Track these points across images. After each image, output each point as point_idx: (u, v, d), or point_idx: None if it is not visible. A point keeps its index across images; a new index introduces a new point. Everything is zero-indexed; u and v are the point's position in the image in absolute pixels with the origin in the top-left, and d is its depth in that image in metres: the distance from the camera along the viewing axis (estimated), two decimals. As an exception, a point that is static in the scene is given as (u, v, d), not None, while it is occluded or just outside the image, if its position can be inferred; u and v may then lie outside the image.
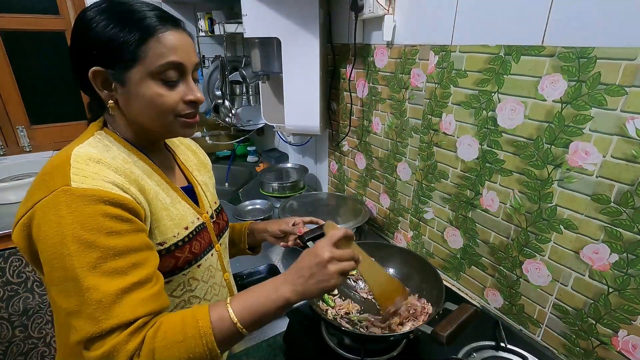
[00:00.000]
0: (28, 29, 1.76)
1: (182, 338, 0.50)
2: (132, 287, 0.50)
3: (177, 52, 0.57)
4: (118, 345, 0.48)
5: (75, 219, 0.48)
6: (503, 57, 0.81)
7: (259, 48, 1.41)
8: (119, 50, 0.55)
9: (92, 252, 0.48)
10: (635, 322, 0.69)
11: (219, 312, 0.53)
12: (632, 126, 0.63)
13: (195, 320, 0.51)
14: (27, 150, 1.85)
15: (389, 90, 1.17)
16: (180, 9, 1.93)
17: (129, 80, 0.56)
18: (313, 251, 0.58)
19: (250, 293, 0.56)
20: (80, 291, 0.48)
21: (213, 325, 0.51)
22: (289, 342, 0.87)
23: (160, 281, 0.56)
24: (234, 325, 0.52)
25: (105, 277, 0.49)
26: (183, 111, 0.60)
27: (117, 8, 0.56)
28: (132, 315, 0.49)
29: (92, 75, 0.56)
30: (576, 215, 0.74)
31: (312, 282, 0.56)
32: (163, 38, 0.56)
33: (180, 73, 0.59)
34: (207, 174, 0.82)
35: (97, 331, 0.47)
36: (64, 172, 0.51)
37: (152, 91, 0.57)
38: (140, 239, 0.54)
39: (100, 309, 0.48)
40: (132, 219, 0.53)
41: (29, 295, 1.06)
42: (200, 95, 0.62)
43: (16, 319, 1.03)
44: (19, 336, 1.03)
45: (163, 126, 0.61)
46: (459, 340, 0.66)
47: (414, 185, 1.16)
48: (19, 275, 1.03)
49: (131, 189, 0.55)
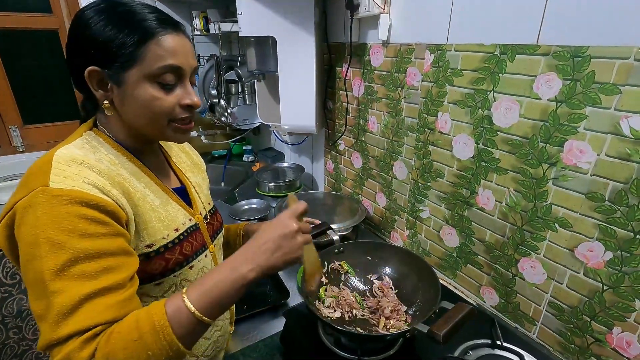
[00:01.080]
0: (21, 27, 1.74)
1: (138, 336, 0.47)
2: (99, 292, 0.48)
3: (176, 55, 0.57)
4: (72, 353, 0.45)
5: (49, 219, 0.48)
6: (498, 56, 0.81)
7: (254, 47, 1.40)
8: (117, 51, 0.54)
9: (63, 254, 0.47)
10: (630, 319, 0.69)
11: (174, 304, 0.50)
12: (626, 125, 0.64)
13: (150, 315, 0.48)
14: (21, 150, 1.84)
15: (385, 89, 1.17)
16: (175, 7, 1.92)
17: (125, 81, 0.56)
18: (278, 223, 0.57)
19: (207, 278, 0.53)
20: (46, 295, 0.47)
21: (169, 317, 0.48)
22: (285, 342, 0.87)
23: (134, 287, 0.53)
24: (192, 315, 0.50)
25: (73, 281, 0.47)
26: (178, 116, 0.60)
27: (117, 9, 0.55)
28: (90, 323, 0.47)
29: (88, 74, 0.55)
30: (571, 213, 0.74)
31: (278, 254, 0.54)
32: (162, 41, 0.55)
33: (178, 77, 0.59)
34: (200, 175, 0.81)
35: (54, 338, 0.46)
36: (44, 172, 0.50)
37: (148, 94, 0.56)
38: (116, 243, 0.52)
39: (61, 315, 0.46)
40: (109, 222, 0.52)
41: (23, 296, 1.04)
42: (197, 99, 0.61)
43: (10, 321, 1.02)
44: (13, 338, 1.02)
45: (156, 130, 0.61)
46: (455, 338, 0.66)
47: (410, 184, 1.16)
48: (13, 276, 1.02)
49: (112, 192, 0.54)
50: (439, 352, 0.77)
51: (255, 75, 1.52)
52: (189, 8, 1.93)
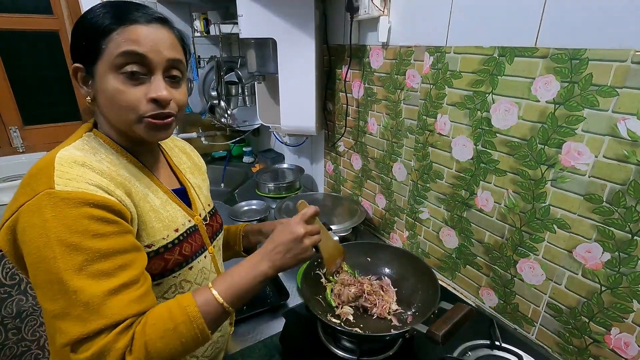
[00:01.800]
0: (21, 28, 1.74)
1: (173, 326, 0.52)
2: (118, 288, 0.50)
3: (139, 43, 0.54)
4: (107, 345, 0.48)
5: (60, 222, 0.48)
6: (497, 58, 0.82)
7: (254, 49, 1.41)
8: (87, 45, 0.55)
9: (78, 255, 0.48)
10: (628, 320, 0.69)
11: (204, 296, 0.56)
12: (623, 127, 0.64)
13: (183, 307, 0.53)
14: (21, 151, 1.84)
15: (385, 91, 1.17)
16: (175, 9, 1.93)
17: (96, 74, 0.56)
18: (288, 228, 0.64)
19: (231, 273, 0.60)
20: (66, 293, 0.47)
21: (200, 308, 0.54)
22: (285, 342, 0.87)
23: (148, 282, 0.56)
24: (220, 305, 0.56)
25: (92, 280, 0.48)
26: (147, 112, 0.56)
27: (107, 7, 0.56)
28: (120, 316, 0.49)
29: (73, 72, 0.58)
30: (569, 214, 0.75)
31: (289, 256, 0.62)
32: (127, 30, 0.54)
33: (146, 69, 0.56)
34: (200, 176, 0.81)
35: (85, 332, 0.47)
36: (47, 175, 0.50)
37: (112, 86, 0.55)
38: (127, 240, 0.54)
39: (88, 311, 0.48)
40: (117, 221, 0.53)
41: (22, 297, 1.04)
42: (165, 93, 0.56)
43: (9, 322, 1.02)
44: (12, 339, 1.02)
45: (127, 126, 0.58)
46: (454, 339, 0.66)
47: (409, 185, 1.16)
48: (12, 277, 1.02)
49: (116, 192, 0.54)
50: (438, 352, 0.77)
51: (256, 77, 1.52)
52: (190, 10, 1.94)
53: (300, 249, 0.63)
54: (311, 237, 0.65)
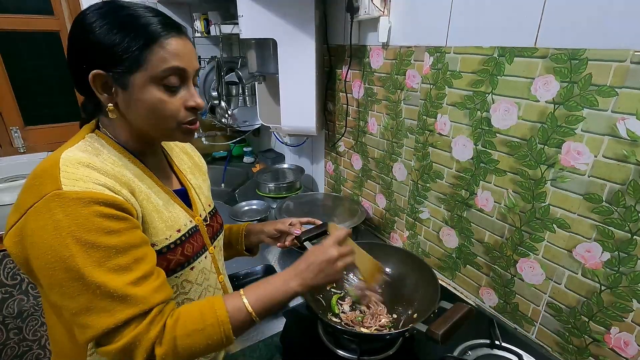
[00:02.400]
0: (22, 29, 1.74)
1: (202, 327, 0.54)
2: (139, 280, 0.52)
3: (180, 58, 0.58)
4: (139, 335, 0.50)
5: (72, 222, 0.49)
6: (497, 58, 0.82)
7: (255, 49, 1.41)
8: (122, 55, 0.54)
9: (95, 252, 0.49)
10: (627, 319, 0.70)
11: (234, 303, 0.58)
12: (622, 126, 0.64)
13: (214, 310, 0.56)
14: (22, 151, 1.84)
15: (385, 91, 1.17)
16: (176, 9, 1.93)
17: (131, 84, 0.56)
18: (322, 250, 0.66)
19: (263, 285, 0.62)
20: (88, 289, 0.49)
21: (230, 314, 0.56)
22: (285, 342, 0.87)
23: (162, 273, 0.58)
24: (249, 314, 0.58)
25: (112, 274, 0.50)
26: (185, 119, 0.61)
27: (120, 12, 0.56)
28: (149, 304, 0.52)
29: (93, 78, 0.55)
30: (569, 214, 0.75)
31: (321, 276, 0.64)
32: (167, 44, 0.56)
33: (182, 79, 0.59)
34: (201, 177, 0.82)
35: (113, 322, 0.49)
36: (53, 176, 0.51)
37: (154, 96, 0.57)
38: (138, 235, 0.55)
39: (115, 301, 0.50)
40: (127, 217, 0.54)
41: (24, 297, 1.05)
42: (201, 101, 0.62)
43: (10, 322, 1.02)
44: (14, 339, 1.03)
45: (164, 132, 0.62)
46: (454, 338, 0.66)
47: (409, 185, 1.17)
48: (14, 277, 1.03)
49: (122, 191, 0.55)
50: (438, 352, 0.77)
51: (256, 77, 1.53)
52: (190, 10, 1.94)
53: (333, 271, 0.65)
54: (344, 259, 0.67)
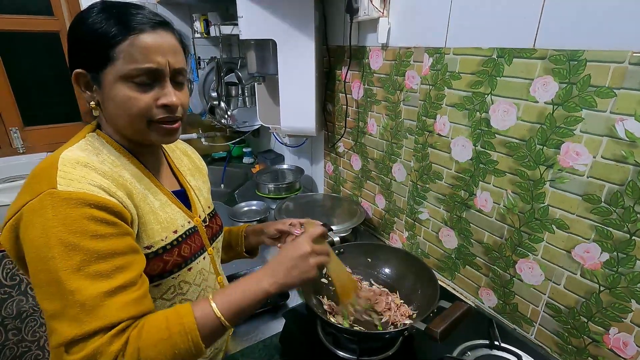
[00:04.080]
0: (22, 30, 1.74)
1: (167, 335, 0.51)
2: (115, 290, 0.50)
3: (150, 56, 0.56)
4: (101, 347, 0.47)
5: (60, 222, 0.48)
6: (496, 59, 0.82)
7: (254, 50, 1.42)
8: (94, 51, 0.55)
9: (76, 255, 0.48)
10: (626, 320, 0.70)
11: (202, 308, 0.54)
12: (621, 127, 0.65)
13: (180, 317, 0.52)
14: (21, 152, 1.84)
15: (384, 91, 1.18)
16: (175, 10, 1.93)
17: (104, 82, 0.56)
18: (294, 245, 0.63)
19: (233, 287, 0.58)
20: (63, 294, 0.48)
21: (197, 321, 0.53)
22: (285, 342, 0.87)
23: (145, 285, 0.56)
24: (218, 319, 0.54)
25: (89, 280, 0.49)
26: (157, 116, 0.59)
27: (104, 11, 0.56)
28: (116, 318, 0.49)
29: (75, 77, 0.57)
30: (568, 215, 0.75)
31: (294, 273, 0.60)
32: (136, 40, 0.55)
33: (155, 77, 0.57)
34: (201, 178, 0.82)
35: (79, 334, 0.47)
36: (50, 175, 0.51)
37: (123, 94, 0.56)
38: (125, 242, 0.54)
39: (84, 312, 0.48)
40: (117, 222, 0.53)
41: (23, 298, 1.05)
42: (175, 99, 0.59)
43: (9, 322, 1.02)
44: (12, 339, 1.02)
45: (137, 131, 0.60)
46: (454, 338, 0.67)
47: (409, 186, 1.17)
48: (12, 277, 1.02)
49: (118, 193, 0.55)
50: (437, 352, 0.77)
51: (255, 78, 1.53)
52: (190, 11, 1.94)
53: (305, 267, 0.61)
54: (317, 257, 0.63)
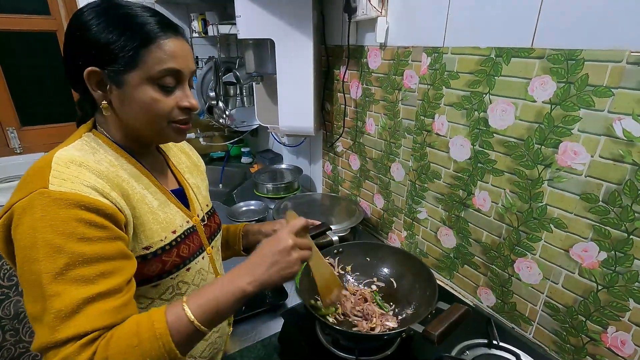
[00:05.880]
0: (18, 29, 1.74)
1: (137, 342, 0.47)
2: (96, 296, 0.48)
3: (177, 59, 0.58)
4: (69, 356, 0.46)
5: (47, 223, 0.48)
6: (494, 59, 0.82)
7: (252, 49, 1.41)
8: (118, 53, 0.55)
9: (60, 258, 0.47)
10: (624, 319, 0.70)
11: (175, 312, 0.51)
12: (619, 127, 0.65)
13: (151, 322, 0.49)
14: (18, 152, 1.83)
15: (382, 91, 1.18)
16: (173, 9, 1.92)
17: (126, 82, 0.56)
18: (275, 239, 0.59)
19: (207, 289, 0.55)
20: (43, 297, 0.47)
21: (170, 325, 0.49)
22: (283, 342, 0.87)
23: (131, 291, 0.54)
24: (191, 324, 0.51)
25: (70, 285, 0.47)
26: (177, 117, 0.61)
27: (118, 11, 0.56)
28: (89, 327, 0.47)
29: (88, 75, 0.56)
30: (566, 214, 0.75)
31: (274, 269, 0.56)
32: (164, 44, 0.56)
33: (178, 80, 0.60)
34: (199, 176, 0.81)
35: (52, 341, 0.46)
36: (43, 174, 0.50)
37: (149, 96, 0.57)
38: (114, 247, 0.52)
39: (59, 319, 0.46)
40: (107, 226, 0.52)
41: (20, 298, 1.04)
42: (195, 102, 0.62)
43: (7, 323, 1.01)
44: (10, 340, 1.02)
45: (156, 131, 0.61)
46: (452, 338, 0.66)
47: (407, 185, 1.17)
48: (10, 278, 1.02)
49: (112, 194, 0.54)
50: (436, 351, 0.77)
51: (254, 78, 1.53)
52: (187, 10, 1.94)
53: (286, 262, 0.57)
54: (300, 252, 0.59)
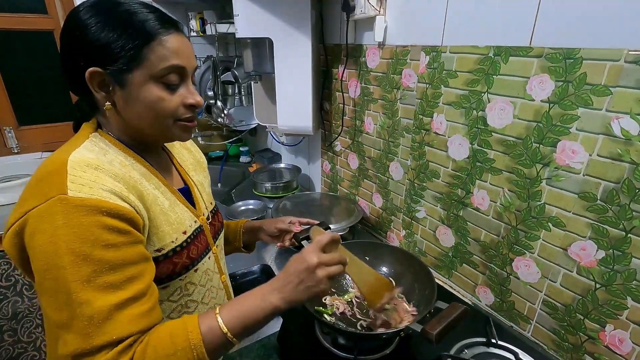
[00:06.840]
0: (16, 28, 1.73)
1: (173, 351, 0.49)
2: (125, 302, 0.49)
3: (179, 55, 0.57)
4: None
5: (71, 230, 0.47)
6: (492, 57, 0.82)
7: (251, 48, 1.41)
8: (120, 52, 0.53)
9: (87, 266, 0.47)
10: (622, 317, 0.70)
11: (208, 323, 0.53)
12: (617, 125, 0.65)
13: (186, 332, 0.51)
14: (15, 151, 1.83)
15: (381, 90, 1.17)
16: (171, 8, 1.92)
17: (129, 82, 0.55)
18: (300, 257, 0.59)
19: (239, 302, 0.57)
20: (72, 305, 0.47)
21: (203, 336, 0.51)
22: (283, 342, 0.87)
23: (155, 295, 0.55)
24: (224, 335, 0.53)
25: (99, 292, 0.47)
26: (182, 115, 0.60)
27: (116, 8, 0.54)
28: (123, 333, 0.48)
29: (90, 76, 0.54)
30: (564, 213, 0.75)
31: (301, 288, 0.57)
32: (166, 41, 0.55)
33: (181, 77, 0.59)
34: (202, 173, 0.81)
35: (87, 347, 0.46)
36: (60, 179, 0.49)
37: (154, 95, 0.56)
38: (137, 251, 0.53)
39: (92, 325, 0.47)
40: (129, 231, 0.52)
41: (18, 298, 1.04)
42: (199, 99, 0.61)
43: (5, 323, 1.01)
44: (8, 340, 1.02)
45: (162, 130, 0.60)
46: (451, 337, 0.67)
47: (406, 184, 1.17)
48: (8, 278, 1.02)
49: (130, 197, 0.53)
50: (434, 350, 0.77)
51: (252, 77, 1.52)
52: (186, 9, 1.94)
53: (313, 281, 0.57)
54: (326, 268, 0.58)
